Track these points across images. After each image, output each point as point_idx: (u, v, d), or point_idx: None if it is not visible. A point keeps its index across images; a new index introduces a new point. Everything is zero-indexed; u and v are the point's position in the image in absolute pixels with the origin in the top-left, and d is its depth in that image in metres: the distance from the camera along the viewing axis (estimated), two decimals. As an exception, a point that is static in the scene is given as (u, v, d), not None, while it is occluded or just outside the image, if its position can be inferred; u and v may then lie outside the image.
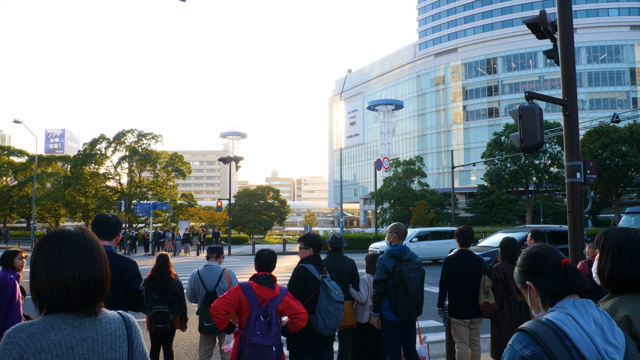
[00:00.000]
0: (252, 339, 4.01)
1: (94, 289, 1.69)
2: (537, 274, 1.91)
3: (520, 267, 1.99)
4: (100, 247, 1.78)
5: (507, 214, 59.14)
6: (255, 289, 4.20)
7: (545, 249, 1.95)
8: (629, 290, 2.17)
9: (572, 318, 1.74)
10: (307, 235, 5.30)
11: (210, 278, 6.06)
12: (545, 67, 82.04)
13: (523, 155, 46.31)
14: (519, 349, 1.74)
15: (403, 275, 5.39)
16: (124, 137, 54.07)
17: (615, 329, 1.76)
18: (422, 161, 66.51)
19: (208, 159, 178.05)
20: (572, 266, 1.89)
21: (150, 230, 40.46)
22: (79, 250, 1.70)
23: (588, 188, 8.07)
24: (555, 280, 1.87)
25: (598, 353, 1.67)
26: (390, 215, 63.34)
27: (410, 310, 5.43)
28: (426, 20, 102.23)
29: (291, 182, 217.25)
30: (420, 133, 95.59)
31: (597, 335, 1.71)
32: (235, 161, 33.84)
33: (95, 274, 1.70)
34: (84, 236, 1.75)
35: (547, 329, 1.73)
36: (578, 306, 1.78)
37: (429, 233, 23.30)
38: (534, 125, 7.22)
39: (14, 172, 64.53)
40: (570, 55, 8.01)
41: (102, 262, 1.75)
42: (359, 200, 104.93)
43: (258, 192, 65.50)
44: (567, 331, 1.71)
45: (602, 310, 1.81)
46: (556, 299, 1.85)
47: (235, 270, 22.80)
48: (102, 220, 3.94)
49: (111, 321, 1.72)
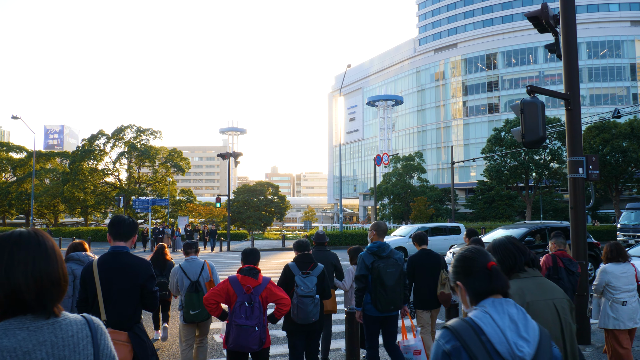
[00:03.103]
0: (237, 321, 4.65)
1: (51, 289, 1.62)
2: (466, 275, 2.11)
3: (453, 268, 2.19)
4: (54, 247, 1.71)
5: (507, 210, 59.04)
6: (240, 279, 4.82)
7: (475, 253, 2.15)
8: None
9: (490, 316, 1.95)
10: (295, 242, 6.19)
11: (193, 269, 6.50)
12: (545, 62, 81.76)
13: (523, 150, 46.11)
14: (442, 344, 1.95)
15: (380, 270, 5.63)
16: (122, 133, 53.87)
17: (529, 325, 1.96)
18: (422, 157, 66.32)
19: (207, 154, 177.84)
20: (496, 269, 2.09)
21: (149, 227, 40.32)
22: (30, 250, 1.63)
23: (591, 184, 7.92)
24: (481, 281, 2.07)
25: (509, 346, 1.87)
26: (389, 211, 63.23)
27: (389, 304, 5.67)
28: (426, 15, 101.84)
29: (291, 178, 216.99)
30: (420, 129, 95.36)
31: (511, 331, 1.91)
32: (235, 157, 33.71)
33: (51, 274, 1.63)
34: (36, 235, 1.68)
35: (467, 326, 1.93)
36: (496, 305, 1.99)
37: (428, 229, 22.97)
38: (536, 120, 7.09)
39: (12, 168, 64.34)
40: (573, 48, 7.87)
41: (57, 262, 1.67)
42: (358, 196, 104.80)
43: (257, 188, 65.28)
44: (483, 327, 1.92)
45: (520, 307, 2.01)
46: (480, 298, 2.05)
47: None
48: (118, 221, 4.11)
49: (72, 323, 1.65)
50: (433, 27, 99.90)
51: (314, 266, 5.73)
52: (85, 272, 4.02)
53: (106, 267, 3.98)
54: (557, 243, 6.58)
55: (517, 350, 1.87)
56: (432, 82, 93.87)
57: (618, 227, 27.57)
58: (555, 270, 6.21)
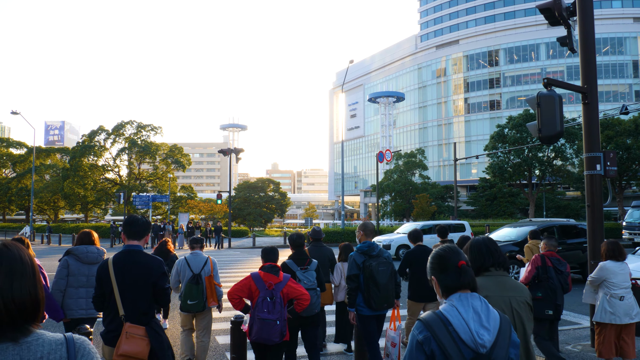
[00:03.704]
0: (259, 315, 4.93)
1: (13, 310, 1.47)
2: (440, 272, 2.39)
3: (430, 264, 2.48)
4: (24, 263, 1.54)
5: (509, 207, 58.73)
6: (263, 276, 5.11)
7: (448, 252, 2.43)
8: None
9: (456, 309, 2.22)
10: (289, 237, 6.45)
11: (197, 263, 6.87)
12: (547, 59, 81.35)
13: (526, 147, 45.76)
14: (416, 334, 2.22)
15: (372, 269, 5.73)
16: (123, 129, 53.48)
17: (490, 315, 2.23)
18: (424, 154, 65.98)
19: (208, 151, 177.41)
20: (465, 267, 2.35)
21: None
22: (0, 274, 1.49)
23: (608, 181, 7.64)
24: (451, 277, 2.34)
25: (471, 334, 2.15)
26: (391, 208, 62.91)
27: (382, 302, 5.77)
28: (428, 12, 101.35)
29: (291, 174, 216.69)
30: (421, 125, 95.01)
31: (474, 321, 2.19)
32: (236, 153, 33.39)
33: (13, 295, 1.48)
34: (7, 253, 1.53)
35: (436, 318, 2.21)
36: (462, 299, 2.26)
37: (432, 227, 22.61)
38: (553, 114, 6.81)
39: (12, 164, 64.08)
40: (590, 39, 7.59)
41: (22, 281, 1.51)
42: (359, 193, 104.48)
43: (258, 184, 65.07)
44: (450, 319, 2.20)
45: (483, 300, 2.29)
46: (450, 292, 2.32)
47: (236, 263, 22.44)
48: (132, 221, 4.30)
49: (45, 344, 1.50)
50: (435, 23, 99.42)
51: (309, 262, 6.08)
52: (101, 269, 4.16)
53: (121, 265, 4.14)
54: (547, 244, 6.83)
55: (478, 338, 2.15)
56: (433, 78, 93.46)
57: (623, 224, 27.31)
58: (544, 269, 6.49)
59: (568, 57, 79.78)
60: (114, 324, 4.08)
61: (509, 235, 15.20)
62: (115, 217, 72.15)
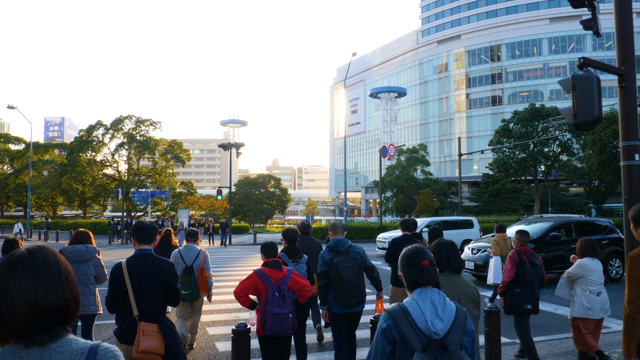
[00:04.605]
0: (272, 310, 5.05)
1: (40, 315, 1.49)
2: (407, 269, 2.71)
3: (399, 263, 2.81)
4: (50, 267, 1.56)
5: (512, 203, 58.10)
6: (268, 272, 5.25)
7: (415, 252, 2.74)
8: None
9: (416, 302, 2.56)
10: (283, 230, 6.72)
11: (190, 255, 7.44)
12: (550, 54, 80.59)
13: (532, 142, 45.02)
14: (381, 323, 2.56)
15: (337, 265, 5.78)
16: (121, 124, 52.55)
17: (446, 307, 2.55)
18: (426, 149, 65.28)
19: (208, 147, 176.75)
20: (427, 266, 2.67)
21: (148, 219, 39.38)
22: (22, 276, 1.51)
23: None
24: (415, 274, 2.66)
25: (426, 323, 2.47)
26: (392, 204, 62.25)
27: (350, 298, 5.75)
28: (429, 6, 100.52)
29: (292, 170, 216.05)
30: (422, 121, 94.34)
31: (430, 312, 2.51)
32: (236, 147, 32.70)
33: (38, 299, 1.49)
34: (31, 256, 1.55)
35: (399, 309, 2.55)
36: (422, 293, 2.60)
37: (440, 223, 21.83)
38: (590, 97, 6.14)
39: (10, 160, 63.38)
40: (627, 15, 6.91)
41: (49, 285, 1.53)
42: (360, 189, 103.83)
43: (259, 180, 64.37)
44: (410, 310, 2.53)
45: (442, 294, 2.62)
46: (414, 287, 2.66)
47: (238, 260, 21.82)
48: (141, 227, 4.55)
49: (66, 352, 1.51)
50: (436, 18, 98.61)
51: (300, 256, 6.49)
52: (115, 272, 4.37)
53: (135, 268, 4.36)
54: (520, 239, 7.01)
55: (432, 327, 2.47)
56: (434, 74, 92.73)
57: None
58: (521, 265, 6.64)
59: (571, 52, 79.16)
60: (128, 322, 4.28)
61: (523, 233, 14.54)
62: (114, 214, 71.55)
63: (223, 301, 11.64)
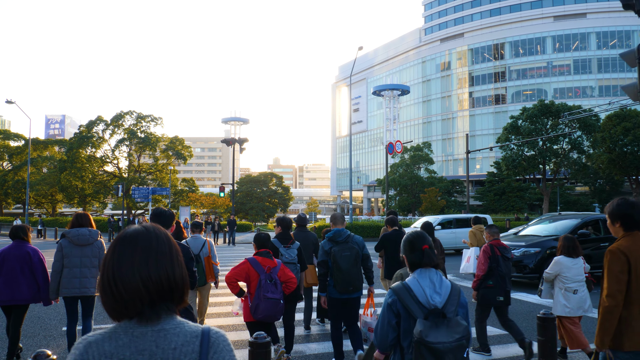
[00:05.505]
0: (266, 295, 5.40)
1: (152, 289, 1.48)
2: (409, 252, 3.06)
3: (402, 246, 3.16)
4: (160, 242, 1.56)
5: (518, 202, 57.47)
6: (260, 261, 5.63)
7: (416, 237, 3.09)
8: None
9: (417, 280, 2.93)
10: (278, 217, 7.18)
11: (196, 245, 7.91)
12: (553, 53, 79.96)
13: (541, 140, 44.25)
14: (387, 298, 2.94)
15: (335, 254, 6.04)
16: (122, 120, 51.58)
17: (442, 285, 2.93)
18: (430, 147, 64.57)
19: (210, 145, 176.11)
20: (427, 250, 3.01)
21: (148, 217, 38.68)
22: (136, 253, 1.51)
23: None
24: (416, 257, 3.02)
25: (426, 297, 2.84)
26: (396, 203, 61.60)
27: (347, 285, 6.04)
28: (432, 4, 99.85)
29: (293, 169, 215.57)
30: (425, 120, 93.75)
31: (429, 288, 2.89)
32: (240, 143, 32.04)
33: (150, 272, 1.49)
34: (147, 232, 1.56)
35: (402, 286, 2.91)
36: (422, 273, 2.97)
37: (453, 220, 21.26)
38: (657, 71, 5.43)
39: (9, 156, 62.62)
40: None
41: (159, 260, 1.52)
42: (362, 188, 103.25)
43: (261, 178, 63.83)
44: (412, 287, 2.90)
45: (439, 273, 2.99)
46: (415, 268, 3.02)
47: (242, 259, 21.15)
48: (159, 212, 4.89)
49: (181, 334, 1.49)
50: (439, 16, 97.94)
51: (292, 242, 7.00)
52: None
53: None
54: (491, 233, 7.23)
55: (430, 300, 2.84)
56: (437, 72, 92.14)
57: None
58: (494, 258, 6.84)
59: (575, 50, 78.54)
60: None
61: (547, 230, 13.83)
62: (114, 212, 70.89)
63: (230, 303, 10.99)
